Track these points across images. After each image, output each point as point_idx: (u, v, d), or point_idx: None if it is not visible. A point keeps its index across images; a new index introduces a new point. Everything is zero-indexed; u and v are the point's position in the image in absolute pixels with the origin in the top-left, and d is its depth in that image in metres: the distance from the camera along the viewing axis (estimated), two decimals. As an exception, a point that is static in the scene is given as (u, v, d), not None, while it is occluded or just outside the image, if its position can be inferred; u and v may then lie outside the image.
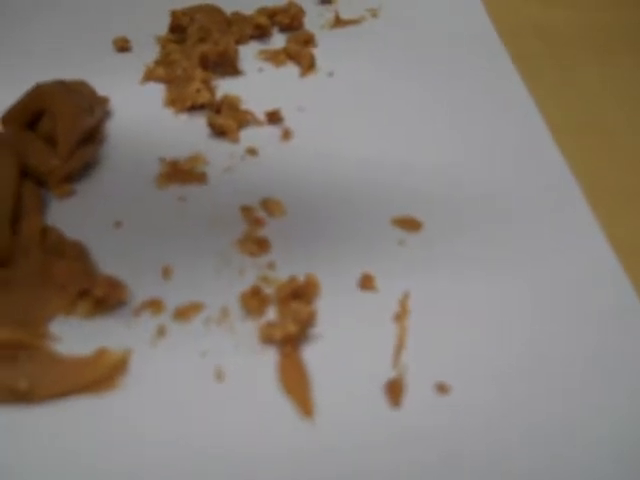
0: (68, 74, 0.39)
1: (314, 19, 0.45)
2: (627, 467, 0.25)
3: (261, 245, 0.31)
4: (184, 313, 0.29)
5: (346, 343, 0.28)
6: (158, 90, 0.39)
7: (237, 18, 0.43)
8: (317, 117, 0.38)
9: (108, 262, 0.30)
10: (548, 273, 0.31)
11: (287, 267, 0.30)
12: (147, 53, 0.42)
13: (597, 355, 0.28)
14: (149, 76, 0.40)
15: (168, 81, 0.39)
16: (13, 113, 0.34)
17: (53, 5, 0.45)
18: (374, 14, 0.45)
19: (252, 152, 0.36)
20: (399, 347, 0.28)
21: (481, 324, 0.29)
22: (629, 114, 0.39)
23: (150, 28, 0.43)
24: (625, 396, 0.27)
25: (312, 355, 0.28)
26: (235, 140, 0.36)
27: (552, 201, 0.34)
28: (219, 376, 0.27)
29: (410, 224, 0.32)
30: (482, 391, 0.27)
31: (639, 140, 0.38)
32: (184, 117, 0.38)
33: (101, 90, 0.38)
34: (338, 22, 0.44)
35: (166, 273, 0.30)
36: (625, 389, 0.27)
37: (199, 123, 0.37)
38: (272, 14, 0.44)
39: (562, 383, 0.27)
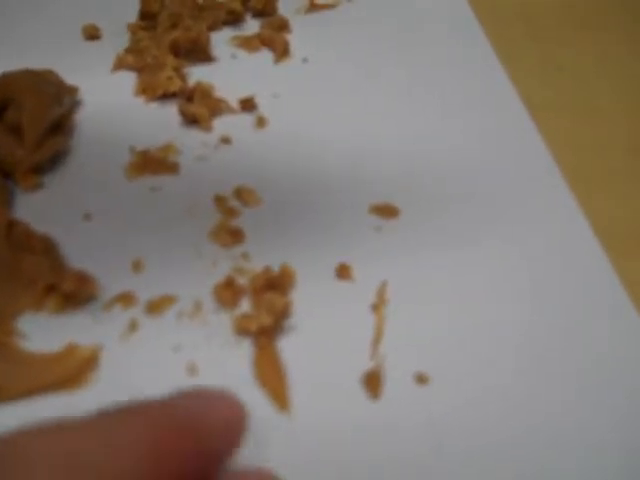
0: (36, 63, 0.38)
1: (288, 4, 0.44)
2: (620, 460, 0.24)
3: (235, 235, 0.30)
4: (156, 306, 0.28)
5: (323, 334, 0.27)
6: (129, 78, 0.38)
7: (209, 4, 0.42)
8: (292, 104, 0.37)
9: (77, 256, 0.30)
10: (529, 259, 0.30)
11: (261, 257, 0.30)
12: (117, 41, 0.41)
13: (581, 339, 0.27)
14: (119, 64, 0.39)
15: (139, 69, 0.39)
16: (-23, 103, 0.33)
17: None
18: (349, -1, 0.45)
19: (226, 140, 0.35)
20: (377, 337, 0.27)
21: (460, 313, 0.28)
22: (611, 92, 0.39)
23: (120, 15, 0.42)
24: (617, 388, 0.26)
25: (288, 347, 0.27)
26: (208, 128, 0.35)
27: (532, 186, 0.33)
28: (192, 370, 0.26)
29: (387, 211, 0.32)
30: (462, 381, 0.26)
31: (623, 119, 0.37)
32: (155, 106, 0.37)
33: (70, 79, 0.37)
34: (313, 7, 0.44)
35: (137, 266, 0.29)
36: (612, 381, 0.26)
37: (171, 112, 0.36)
38: (245, -1, 0.43)
39: (543, 371, 0.26)
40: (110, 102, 0.37)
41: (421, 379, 0.26)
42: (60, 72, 0.37)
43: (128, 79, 0.38)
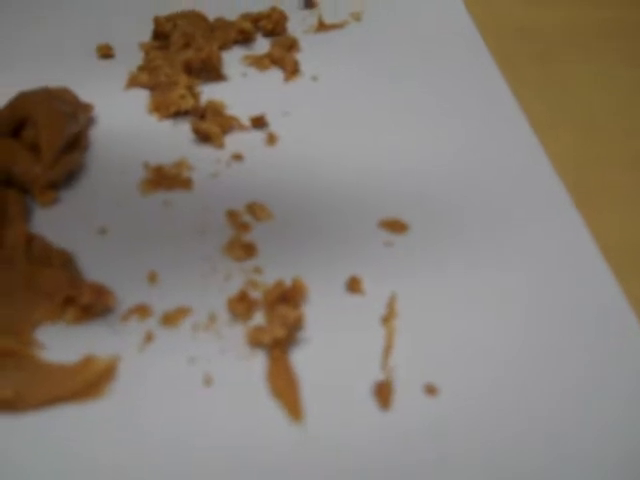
0: (51, 82, 0.39)
1: (297, 24, 0.45)
2: (624, 465, 0.25)
3: (247, 250, 0.31)
4: (171, 319, 0.29)
5: (334, 346, 0.28)
6: (142, 96, 0.39)
7: (220, 24, 0.43)
8: (302, 121, 0.38)
9: (94, 269, 0.30)
10: (536, 273, 0.31)
11: (274, 271, 0.30)
12: (130, 60, 0.41)
13: (588, 356, 0.28)
14: (133, 82, 0.40)
15: (152, 87, 0.39)
16: (-4, 121, 0.34)
17: (36, 13, 0.45)
18: (357, 18, 0.45)
19: (237, 157, 0.36)
20: (387, 349, 0.28)
21: (469, 325, 0.29)
22: (613, 110, 0.39)
23: (133, 35, 0.43)
24: (618, 393, 0.27)
25: (301, 359, 0.27)
26: (220, 145, 0.36)
27: (538, 201, 0.34)
28: (207, 381, 0.27)
29: (397, 226, 0.32)
30: (471, 392, 0.27)
31: (624, 136, 0.38)
32: (168, 123, 0.38)
33: (85, 97, 0.38)
34: (321, 26, 0.45)
35: (152, 279, 0.30)
36: (617, 386, 0.27)
37: (183, 129, 0.37)
38: (255, 19, 0.44)
39: (553, 383, 0.27)
40: (124, 119, 0.38)
41: (430, 390, 0.27)
42: (75, 90, 0.38)
43: (141, 97, 0.39)
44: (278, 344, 0.28)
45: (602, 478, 0.24)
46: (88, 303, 0.28)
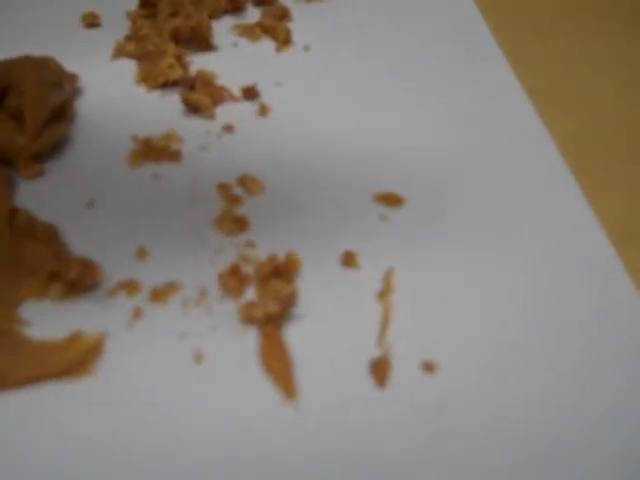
0: (35, 51, 0.38)
1: (289, -7, 0.43)
2: (624, 446, 0.24)
3: (239, 223, 0.30)
4: (161, 294, 0.28)
5: (329, 322, 0.27)
6: (129, 67, 0.38)
7: (210, -8, 0.42)
8: (294, 92, 0.37)
9: (81, 243, 0.29)
10: (535, 248, 0.30)
11: (266, 245, 0.30)
12: (117, 29, 0.40)
13: (587, 333, 0.27)
14: (119, 52, 0.39)
15: (139, 57, 0.38)
16: (-22, 90, 0.33)
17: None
18: (350, -13, 0.44)
19: (228, 129, 0.35)
20: (384, 325, 0.27)
21: (466, 301, 0.28)
22: (613, 84, 0.38)
23: (120, 3, 0.42)
24: (618, 373, 0.26)
25: (294, 335, 0.27)
26: (210, 117, 0.35)
27: (537, 176, 0.33)
28: (198, 358, 0.26)
29: (392, 200, 0.31)
30: (469, 369, 0.26)
31: (624, 110, 0.37)
32: (157, 94, 0.36)
33: (70, 67, 0.37)
34: (314, -5, 0.43)
35: (141, 253, 0.29)
36: (617, 366, 0.26)
37: (172, 100, 0.36)
38: (246, -13, 0.43)
39: (552, 360, 0.26)
40: (110, 90, 0.37)
41: (428, 367, 0.26)
42: (60, 60, 0.37)
43: (128, 67, 0.38)
44: (271, 320, 0.27)
45: (609, 454, 0.24)
46: (74, 278, 0.27)
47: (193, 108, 0.35)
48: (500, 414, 0.25)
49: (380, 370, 0.26)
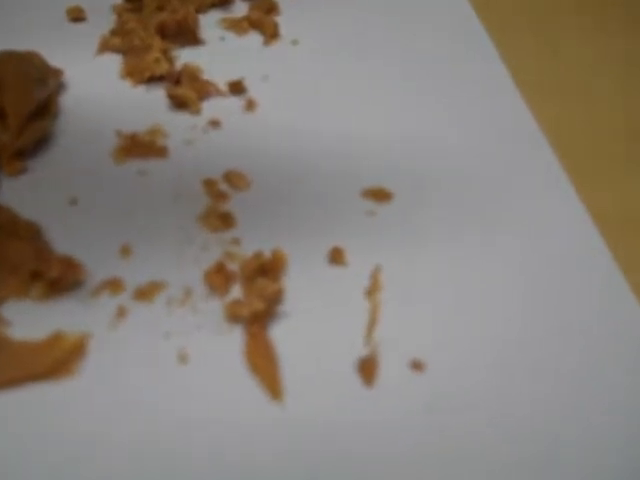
0: (18, 45, 0.37)
1: (277, -14, 0.43)
2: (623, 446, 0.24)
3: (225, 220, 0.30)
4: (145, 293, 0.27)
5: (316, 320, 0.27)
6: (114, 61, 0.38)
7: (196, -15, 0.41)
8: (282, 87, 0.36)
9: (63, 241, 0.29)
10: (523, 243, 0.29)
11: (252, 242, 0.29)
12: (102, 23, 0.40)
13: (580, 329, 0.27)
14: (105, 47, 0.38)
15: (125, 52, 0.38)
16: (-41, 86, 0.32)
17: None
18: (339, -20, 0.44)
19: (214, 124, 0.34)
20: (372, 323, 0.27)
21: (456, 298, 0.28)
22: (610, 82, 0.38)
23: (105, -3, 0.41)
24: (617, 374, 0.26)
25: (280, 334, 0.26)
26: (196, 112, 0.35)
27: (526, 170, 0.32)
28: (183, 359, 0.25)
29: (380, 195, 0.31)
30: (458, 368, 0.26)
31: (618, 104, 0.36)
32: (142, 89, 0.36)
33: (54, 63, 0.36)
34: (302, -12, 0.43)
35: (125, 251, 0.29)
36: (616, 367, 0.26)
37: (158, 95, 0.36)
38: (233, -20, 0.42)
39: (540, 355, 0.26)
40: (95, 85, 0.36)
41: (416, 365, 0.26)
42: (44, 55, 0.36)
43: (114, 62, 0.37)
44: (257, 318, 0.26)
45: (609, 451, 0.24)
46: (56, 277, 0.27)
47: (179, 103, 0.35)
48: (490, 414, 0.24)
49: (368, 369, 0.25)
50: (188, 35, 0.38)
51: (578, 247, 0.29)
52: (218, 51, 0.38)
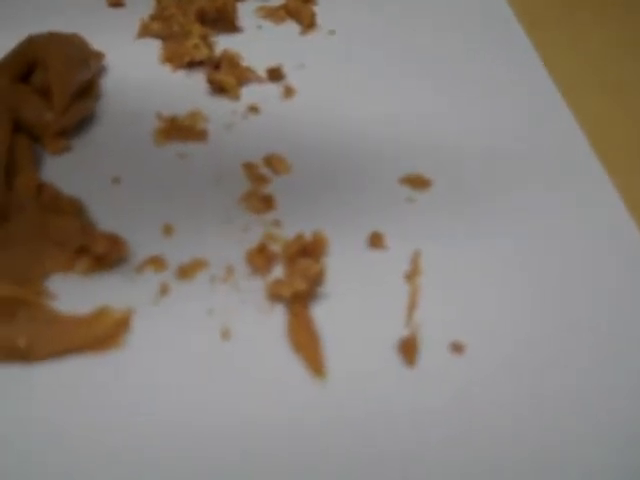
0: (60, 30, 0.37)
1: (314, -24, 0.43)
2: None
3: (266, 202, 0.30)
4: (187, 271, 0.28)
5: (356, 302, 0.27)
6: (154, 46, 0.38)
7: (235, -27, 0.42)
8: (319, 74, 0.37)
9: (107, 219, 0.29)
10: (562, 229, 0.30)
11: (293, 225, 0.29)
12: (142, 8, 0.40)
13: (613, 315, 0.27)
14: (144, 32, 0.38)
15: (164, 37, 0.38)
16: (5, 65, 0.33)
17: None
18: (375, -28, 0.44)
19: (253, 109, 0.35)
20: (412, 305, 0.27)
21: (494, 281, 0.28)
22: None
23: (145, -17, 0.42)
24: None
25: (321, 314, 0.27)
26: (235, 97, 0.35)
27: (564, 159, 0.33)
28: (226, 334, 0.26)
29: (418, 182, 0.31)
30: (497, 350, 0.26)
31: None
32: (182, 74, 0.36)
33: (95, 46, 0.37)
34: (339, -21, 0.43)
35: (167, 230, 0.29)
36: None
37: (198, 80, 0.36)
38: (271, -31, 0.42)
39: (579, 340, 0.26)
40: (136, 69, 0.36)
41: (457, 348, 0.26)
42: (85, 38, 0.36)
43: (153, 47, 0.38)
44: (298, 298, 0.27)
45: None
46: (101, 253, 0.27)
47: (218, 88, 0.35)
48: (527, 395, 0.25)
49: (409, 349, 0.26)
50: (226, 22, 0.39)
51: (619, 243, 0.29)
52: (255, 39, 0.39)
